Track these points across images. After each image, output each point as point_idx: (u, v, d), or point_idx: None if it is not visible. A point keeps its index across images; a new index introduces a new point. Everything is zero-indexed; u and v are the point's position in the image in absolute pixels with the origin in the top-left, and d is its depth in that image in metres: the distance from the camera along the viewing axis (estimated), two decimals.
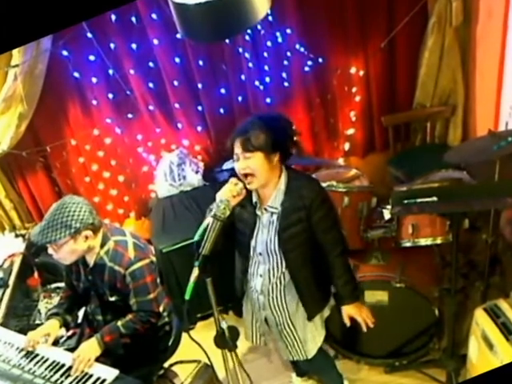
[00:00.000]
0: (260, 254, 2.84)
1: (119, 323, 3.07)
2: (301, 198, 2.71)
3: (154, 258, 3.20)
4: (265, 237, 2.80)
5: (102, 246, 3.05)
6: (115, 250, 3.05)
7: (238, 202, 2.66)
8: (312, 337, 3.03)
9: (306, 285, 2.91)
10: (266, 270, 2.87)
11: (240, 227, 2.86)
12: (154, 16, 4.44)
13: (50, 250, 2.95)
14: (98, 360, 2.97)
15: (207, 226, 2.49)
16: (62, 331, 3.56)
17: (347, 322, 2.96)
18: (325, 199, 2.79)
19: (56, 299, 4.06)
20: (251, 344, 3.28)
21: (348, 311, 2.94)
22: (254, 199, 2.80)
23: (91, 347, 3.00)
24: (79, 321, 3.62)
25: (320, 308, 3.01)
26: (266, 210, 2.79)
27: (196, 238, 2.49)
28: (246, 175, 2.66)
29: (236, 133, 2.69)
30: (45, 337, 3.12)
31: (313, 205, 2.71)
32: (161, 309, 3.18)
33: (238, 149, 2.65)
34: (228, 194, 2.60)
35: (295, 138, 2.76)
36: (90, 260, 3.08)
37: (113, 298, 3.11)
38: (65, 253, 2.94)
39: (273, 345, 3.35)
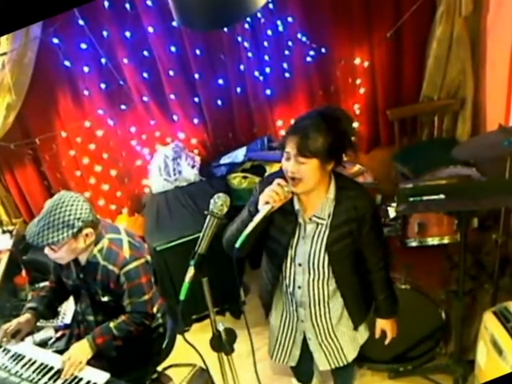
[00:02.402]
0: (300, 264, 2.76)
1: (112, 325, 3.06)
2: (354, 209, 2.62)
3: (149, 258, 3.18)
4: (308, 248, 2.71)
5: (96, 243, 3.03)
6: (109, 249, 3.03)
7: (281, 204, 2.55)
8: (354, 341, 3.04)
9: (353, 295, 2.90)
10: (306, 281, 2.80)
11: (274, 234, 2.75)
12: (148, 2, 4.43)
13: (48, 251, 2.91)
14: (88, 363, 2.96)
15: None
16: (51, 332, 3.56)
17: (377, 334, 3.05)
18: (376, 210, 2.79)
19: None
20: (274, 361, 3.20)
21: (382, 325, 3.03)
22: (297, 206, 2.68)
23: (82, 349, 2.98)
24: (68, 321, 3.62)
25: (365, 316, 3.03)
26: (310, 220, 2.68)
27: (237, 245, 2.41)
28: (292, 178, 2.53)
29: (292, 129, 2.53)
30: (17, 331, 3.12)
31: (366, 216, 2.66)
32: (155, 310, 3.18)
33: (291, 149, 2.48)
34: (276, 198, 2.48)
35: (353, 140, 2.61)
36: (83, 258, 3.06)
37: (105, 299, 3.10)
38: (64, 252, 2.92)
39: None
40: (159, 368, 3.55)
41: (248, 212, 2.64)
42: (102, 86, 4.67)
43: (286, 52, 4.87)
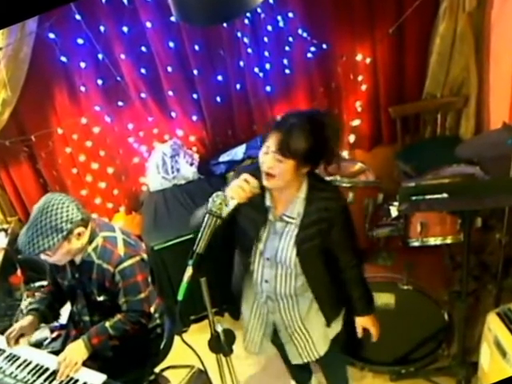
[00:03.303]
0: (268, 259, 2.79)
1: (107, 324, 3.06)
2: (325, 210, 2.65)
3: (145, 256, 3.18)
4: (276, 244, 2.74)
5: (90, 242, 3.02)
6: (104, 247, 3.03)
7: (248, 199, 2.56)
8: (325, 335, 3.03)
9: (325, 292, 2.90)
10: (273, 275, 2.82)
11: (243, 225, 2.78)
12: None
13: (44, 257, 2.92)
14: (84, 364, 2.96)
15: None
16: (46, 332, 3.56)
17: (360, 333, 3.02)
18: (347, 210, 2.76)
19: None
20: (245, 350, 3.21)
21: (362, 323, 3.01)
22: (268, 203, 2.71)
23: (78, 350, 2.98)
24: (64, 322, 3.62)
25: (338, 313, 3.02)
26: (280, 217, 2.72)
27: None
28: (267, 173, 2.55)
29: (277, 125, 2.54)
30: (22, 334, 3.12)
31: (336, 218, 2.68)
32: (152, 309, 3.17)
33: (271, 144, 2.50)
34: (242, 194, 2.50)
35: (336, 151, 2.64)
36: (77, 257, 3.05)
37: (101, 298, 3.09)
38: (60, 255, 2.92)
39: (273, 351, 3.31)
40: (157, 369, 3.54)
41: None
42: (99, 81, 4.67)
43: (287, 48, 4.86)
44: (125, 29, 4.48)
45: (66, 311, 3.58)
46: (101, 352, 3.10)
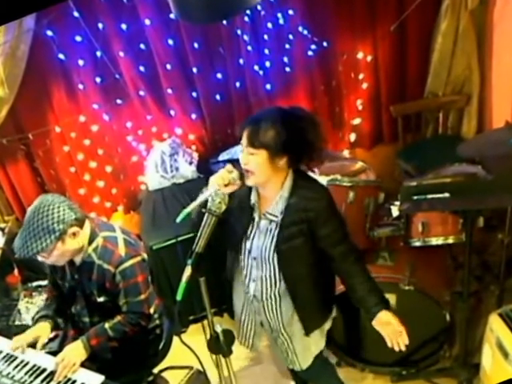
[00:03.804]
0: (254, 258, 2.81)
1: (107, 325, 3.06)
2: (304, 210, 2.64)
3: (145, 256, 3.18)
4: (260, 243, 2.76)
5: (90, 242, 3.02)
6: (104, 247, 3.03)
7: (230, 191, 2.61)
8: (307, 348, 3.01)
9: (304, 299, 2.86)
10: (259, 276, 2.84)
11: (233, 224, 2.81)
12: None
13: (41, 258, 2.93)
14: (82, 365, 2.96)
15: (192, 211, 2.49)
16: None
17: (388, 341, 2.73)
18: (332, 212, 2.71)
19: (37, 298, 4.05)
20: (240, 345, 3.22)
21: (382, 319, 2.70)
22: (253, 200, 2.75)
23: (76, 351, 2.99)
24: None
25: (318, 324, 2.97)
26: (264, 215, 2.75)
27: (178, 220, 2.46)
28: (246, 170, 2.61)
29: (247, 121, 2.63)
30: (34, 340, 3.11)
31: (318, 219, 2.65)
32: (151, 310, 3.17)
33: (244, 139, 2.61)
34: (219, 181, 2.57)
35: (317, 145, 2.63)
36: (77, 258, 3.05)
37: (101, 299, 3.09)
38: (56, 257, 2.92)
39: (269, 350, 3.32)
40: (155, 370, 3.54)
41: None
42: (98, 79, 4.66)
43: (287, 46, 4.85)
44: (123, 26, 4.47)
45: None
46: (99, 353, 3.10)
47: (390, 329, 2.70)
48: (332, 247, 2.74)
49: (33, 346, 3.11)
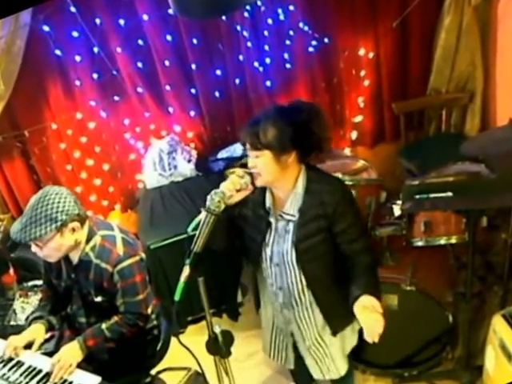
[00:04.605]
0: (277, 265, 2.76)
1: (104, 326, 3.05)
2: (321, 204, 2.59)
3: (143, 255, 3.18)
4: (281, 248, 2.71)
5: (88, 241, 3.01)
6: (102, 246, 3.02)
7: (243, 196, 2.61)
8: (342, 349, 2.96)
9: (328, 299, 2.81)
10: (285, 283, 2.78)
11: (250, 233, 2.78)
12: None
13: (34, 248, 2.90)
14: (79, 366, 2.95)
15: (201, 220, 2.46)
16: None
17: (365, 326, 2.45)
18: (350, 206, 2.66)
19: (33, 298, 4.05)
20: (272, 360, 3.20)
21: (363, 301, 2.49)
22: (268, 203, 2.71)
23: (73, 352, 2.97)
24: None
25: (346, 322, 2.89)
26: (281, 216, 2.70)
27: (189, 230, 2.44)
28: (254, 173, 2.59)
29: (247, 125, 2.60)
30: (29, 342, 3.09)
31: (336, 213, 2.59)
32: (149, 311, 3.17)
33: (247, 144, 2.58)
34: (231, 187, 2.55)
35: (323, 134, 2.59)
36: (74, 256, 3.04)
37: (98, 299, 3.08)
38: (51, 249, 2.90)
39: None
40: (153, 371, 3.54)
41: None
42: (95, 75, 4.66)
43: (287, 42, 4.85)
44: (121, 21, 4.48)
45: None
46: (96, 354, 3.09)
47: (372, 317, 2.44)
48: (349, 244, 2.67)
49: (28, 347, 3.10)
